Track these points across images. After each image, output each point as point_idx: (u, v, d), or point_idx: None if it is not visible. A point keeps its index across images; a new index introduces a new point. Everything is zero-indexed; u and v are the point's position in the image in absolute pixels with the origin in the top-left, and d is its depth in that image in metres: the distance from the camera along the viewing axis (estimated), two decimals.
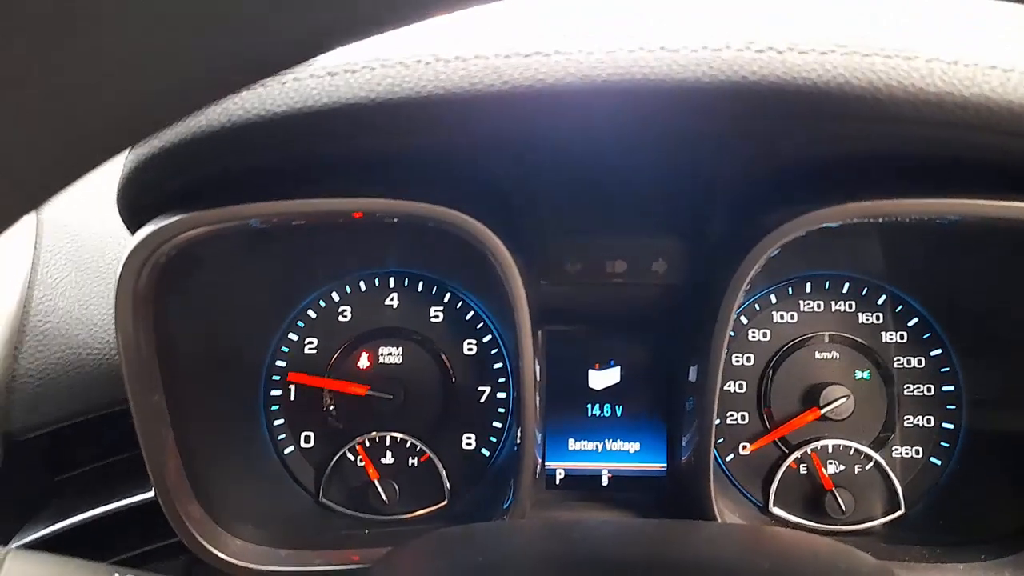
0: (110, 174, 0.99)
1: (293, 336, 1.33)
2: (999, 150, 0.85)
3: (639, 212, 1.22)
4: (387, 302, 1.33)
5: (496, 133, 0.85)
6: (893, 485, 1.26)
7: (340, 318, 1.33)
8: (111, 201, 1.03)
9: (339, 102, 0.78)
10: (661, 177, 1.18)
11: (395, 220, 1.06)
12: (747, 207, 1.12)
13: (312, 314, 1.33)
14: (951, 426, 1.28)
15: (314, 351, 1.33)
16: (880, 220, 1.06)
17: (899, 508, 1.26)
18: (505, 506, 1.18)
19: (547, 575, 0.81)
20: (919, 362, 1.28)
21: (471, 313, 1.33)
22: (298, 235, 1.26)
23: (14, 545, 1.17)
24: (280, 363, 1.33)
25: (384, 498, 1.28)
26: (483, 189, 1.12)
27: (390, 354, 1.33)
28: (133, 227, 1.00)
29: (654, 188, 1.20)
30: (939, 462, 1.28)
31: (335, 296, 1.33)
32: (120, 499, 1.23)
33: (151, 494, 1.09)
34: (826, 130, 0.84)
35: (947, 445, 1.28)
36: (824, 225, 1.01)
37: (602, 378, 1.35)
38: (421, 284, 1.33)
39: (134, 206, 0.97)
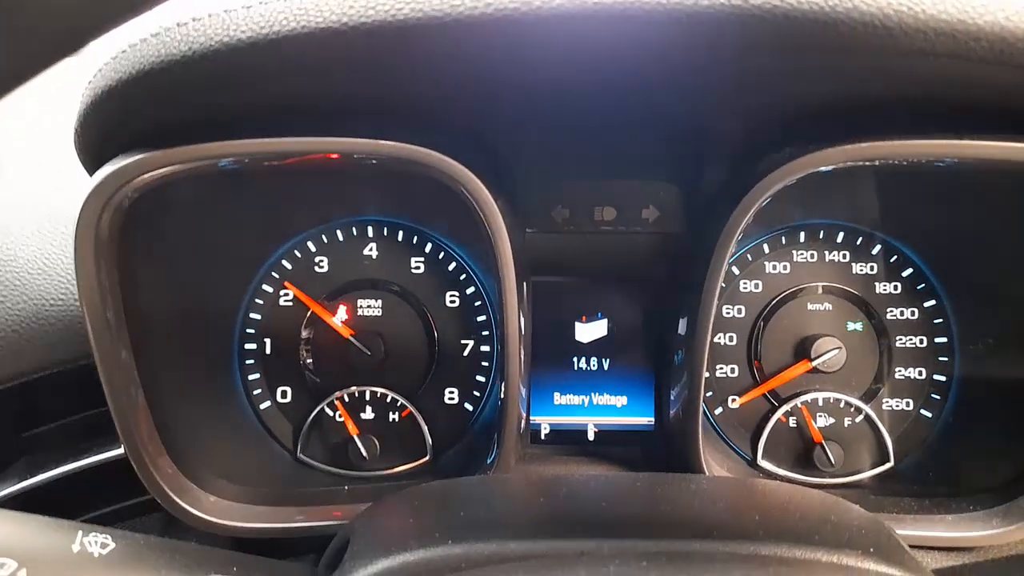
0: (69, 114, 0.93)
1: (268, 287, 1.28)
2: (1008, 87, 0.81)
3: (630, 157, 1.18)
4: (366, 252, 1.28)
5: (478, 63, 0.80)
6: (883, 438, 1.25)
7: (316, 269, 1.28)
8: (71, 146, 0.96)
9: (308, 27, 0.72)
10: (653, 119, 1.13)
11: (373, 162, 1.00)
12: (742, 151, 1.08)
13: (287, 265, 1.28)
14: (943, 378, 1.26)
15: (289, 303, 1.28)
16: (876, 163, 1.01)
17: (888, 461, 1.24)
18: (489, 461, 1.15)
19: (533, 531, 0.78)
20: (912, 313, 1.26)
21: (453, 264, 1.29)
22: (272, 181, 1.20)
23: None
24: (254, 315, 1.28)
25: (364, 454, 1.25)
26: (465, 131, 1.07)
27: (369, 306, 1.28)
28: (93, 169, 0.94)
29: (646, 131, 1.15)
30: (930, 414, 1.26)
31: (311, 246, 1.28)
32: (92, 455, 1.18)
33: (123, 450, 1.05)
34: (832, 63, 0.79)
35: (938, 397, 1.26)
36: (821, 169, 0.96)
37: (589, 331, 1.31)
38: (401, 233, 1.28)
39: (93, 146, 0.91)
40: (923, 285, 1.26)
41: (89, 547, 0.73)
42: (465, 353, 1.29)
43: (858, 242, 1.26)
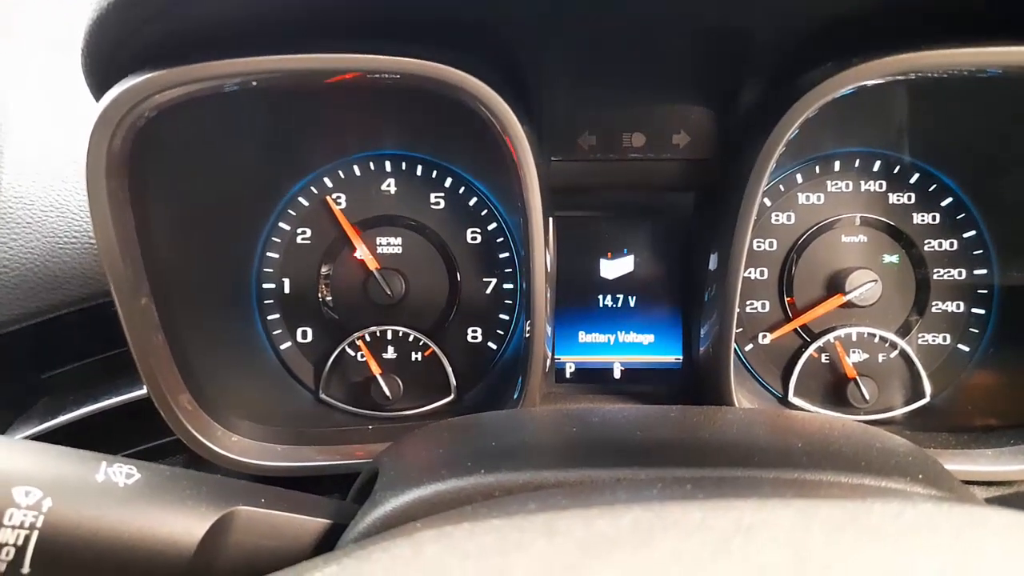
0: (75, 44, 0.88)
1: (284, 225, 1.24)
2: None
3: (660, 76, 1.12)
4: (384, 188, 1.24)
5: None
6: (918, 373, 1.21)
7: (334, 206, 1.24)
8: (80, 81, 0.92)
9: None
10: (684, 38, 1.07)
11: (390, 81, 0.95)
12: (780, 70, 1.02)
13: (304, 202, 1.24)
14: (982, 311, 1.22)
15: (307, 241, 1.24)
16: (914, 77, 0.95)
17: (923, 396, 1.21)
18: (515, 398, 1.13)
19: (567, 459, 0.75)
20: (951, 245, 1.21)
21: (475, 199, 1.25)
22: (287, 112, 1.16)
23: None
24: (271, 254, 1.24)
25: (387, 393, 1.23)
26: (490, 53, 1.02)
27: (389, 244, 1.25)
28: (100, 95, 0.90)
29: (676, 52, 1.10)
30: (967, 348, 1.22)
31: (328, 182, 1.24)
32: (113, 396, 1.17)
33: (145, 391, 1.03)
34: None
35: (976, 331, 1.22)
36: (866, 83, 0.91)
37: (615, 267, 1.27)
38: (420, 168, 1.24)
39: (100, 65, 0.87)
40: (963, 215, 1.21)
41: (114, 477, 0.71)
42: (488, 291, 1.26)
43: (895, 171, 1.21)
